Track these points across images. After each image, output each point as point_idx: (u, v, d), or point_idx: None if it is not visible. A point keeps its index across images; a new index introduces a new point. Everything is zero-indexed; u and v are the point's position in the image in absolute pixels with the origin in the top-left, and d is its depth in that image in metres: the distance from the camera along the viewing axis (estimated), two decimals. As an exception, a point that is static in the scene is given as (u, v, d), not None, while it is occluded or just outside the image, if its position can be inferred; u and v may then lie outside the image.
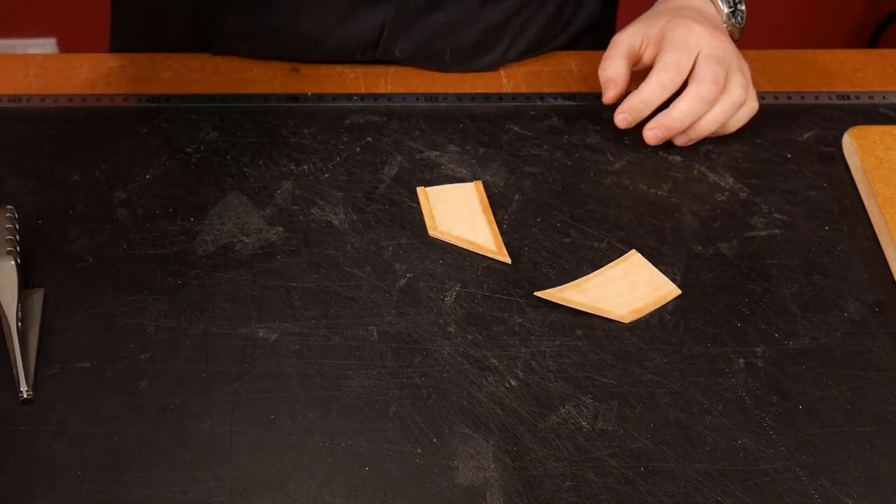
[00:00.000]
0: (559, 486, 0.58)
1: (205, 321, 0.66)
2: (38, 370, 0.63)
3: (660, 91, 0.75)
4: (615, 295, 0.68)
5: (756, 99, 0.78)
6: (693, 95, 0.75)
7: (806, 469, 0.59)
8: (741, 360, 0.65)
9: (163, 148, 0.78)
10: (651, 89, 0.75)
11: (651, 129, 0.77)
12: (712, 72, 0.75)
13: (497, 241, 0.72)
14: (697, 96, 0.75)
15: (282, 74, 0.85)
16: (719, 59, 0.75)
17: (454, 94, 0.84)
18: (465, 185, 0.76)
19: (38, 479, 0.58)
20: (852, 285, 0.69)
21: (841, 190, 0.76)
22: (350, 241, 0.71)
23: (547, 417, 0.61)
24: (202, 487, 0.58)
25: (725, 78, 0.75)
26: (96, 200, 0.74)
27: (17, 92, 0.83)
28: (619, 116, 0.77)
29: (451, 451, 0.60)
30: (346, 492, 0.58)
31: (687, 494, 0.58)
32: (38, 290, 0.67)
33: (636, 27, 0.80)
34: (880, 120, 0.82)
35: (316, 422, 0.61)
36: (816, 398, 0.63)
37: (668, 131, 0.77)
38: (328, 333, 0.66)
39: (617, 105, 0.78)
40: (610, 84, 0.78)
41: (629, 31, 0.80)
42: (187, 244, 0.71)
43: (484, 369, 0.64)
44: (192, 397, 0.62)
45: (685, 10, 0.80)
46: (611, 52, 0.79)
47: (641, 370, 0.64)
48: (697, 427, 0.61)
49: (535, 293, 0.68)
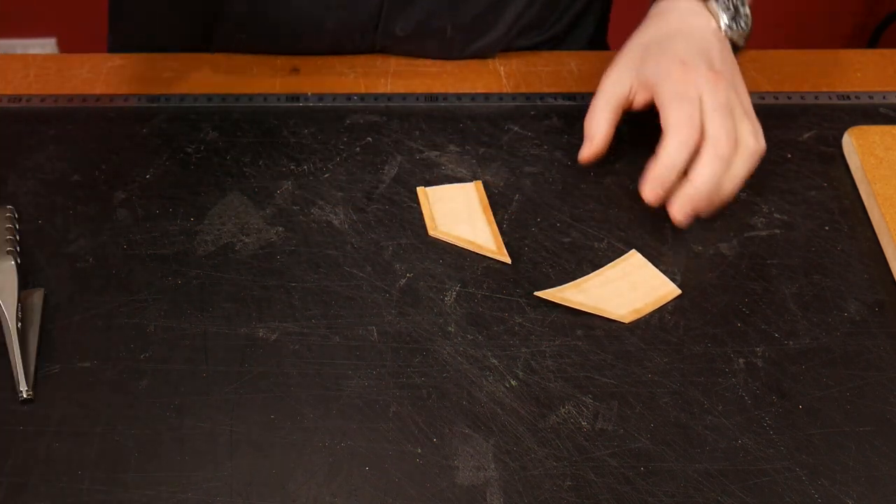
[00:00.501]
0: (559, 486, 0.58)
1: (205, 321, 0.66)
2: (38, 370, 0.63)
3: (682, 150, 0.68)
4: (615, 295, 0.68)
5: (763, 137, 0.72)
6: (711, 157, 0.68)
7: (806, 469, 0.59)
8: (741, 360, 0.65)
9: (163, 148, 0.78)
10: (673, 150, 0.69)
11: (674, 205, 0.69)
12: (723, 127, 0.69)
13: (497, 241, 0.72)
14: (716, 157, 0.68)
15: (282, 74, 0.85)
16: (724, 108, 0.70)
17: (454, 94, 0.84)
18: (465, 185, 0.76)
19: (38, 479, 0.58)
20: (852, 285, 0.69)
21: (841, 190, 0.76)
22: (350, 241, 0.71)
23: (547, 417, 0.61)
24: (202, 487, 0.58)
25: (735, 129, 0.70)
26: (96, 200, 0.74)
27: (17, 92, 0.83)
28: (647, 191, 0.69)
29: (451, 451, 0.60)
30: (346, 492, 0.58)
31: (687, 494, 0.58)
32: (38, 290, 0.67)
33: (623, 69, 0.74)
34: (880, 120, 0.82)
35: (316, 422, 0.61)
36: (816, 398, 0.63)
37: (695, 203, 0.69)
38: (328, 333, 0.66)
39: None
40: (587, 141, 0.74)
41: (615, 76, 0.75)
42: (187, 244, 0.71)
43: (484, 369, 0.64)
44: (192, 397, 0.62)
45: (674, 39, 0.74)
46: (598, 104, 0.75)
47: (641, 370, 0.64)
48: (697, 427, 0.61)
49: (535, 293, 0.68)
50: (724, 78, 0.72)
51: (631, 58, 0.75)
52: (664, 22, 0.76)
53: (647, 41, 0.75)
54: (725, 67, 0.73)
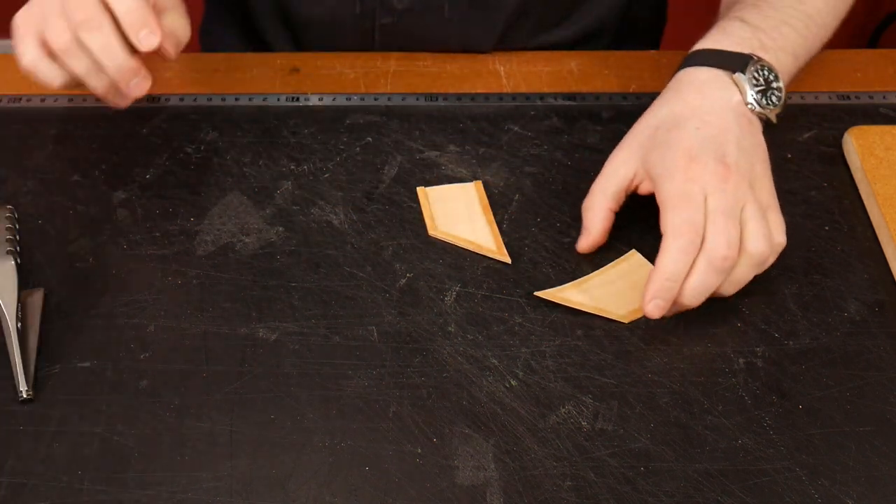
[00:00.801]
0: (559, 486, 0.58)
1: (205, 321, 0.66)
2: (38, 370, 0.63)
3: (683, 259, 0.63)
4: (615, 295, 0.68)
5: (783, 231, 0.67)
6: (704, 269, 0.63)
7: (806, 469, 0.59)
8: (741, 360, 0.65)
9: (163, 148, 0.78)
10: (671, 261, 0.63)
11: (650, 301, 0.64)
12: (724, 235, 0.63)
13: (497, 241, 0.72)
14: (709, 268, 0.63)
15: (282, 74, 0.85)
16: (729, 210, 0.64)
17: (454, 94, 0.84)
18: (465, 185, 0.76)
19: (38, 479, 0.58)
20: (852, 285, 0.69)
21: (841, 190, 0.76)
22: (350, 241, 0.71)
23: (547, 417, 0.61)
24: (202, 487, 0.58)
25: (740, 233, 0.64)
26: (96, 200, 0.74)
27: (17, 92, 0.83)
28: (649, 306, 0.64)
29: (451, 451, 0.60)
30: (346, 492, 0.58)
31: (687, 494, 0.58)
32: (38, 290, 0.67)
33: (628, 154, 0.70)
34: (880, 120, 0.82)
35: (316, 422, 0.61)
36: (816, 398, 0.63)
37: (677, 308, 0.66)
38: (328, 333, 0.66)
39: None
40: (584, 232, 0.70)
41: (620, 159, 0.70)
42: (187, 244, 0.71)
43: (484, 369, 0.64)
44: (192, 397, 0.62)
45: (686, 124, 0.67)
46: (597, 189, 0.70)
47: (641, 370, 0.64)
48: (697, 427, 0.61)
49: (535, 293, 0.68)
50: (736, 173, 0.65)
51: (639, 142, 0.69)
52: (680, 99, 0.70)
53: (658, 122, 0.69)
54: (741, 158, 0.66)
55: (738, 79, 0.69)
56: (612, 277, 0.69)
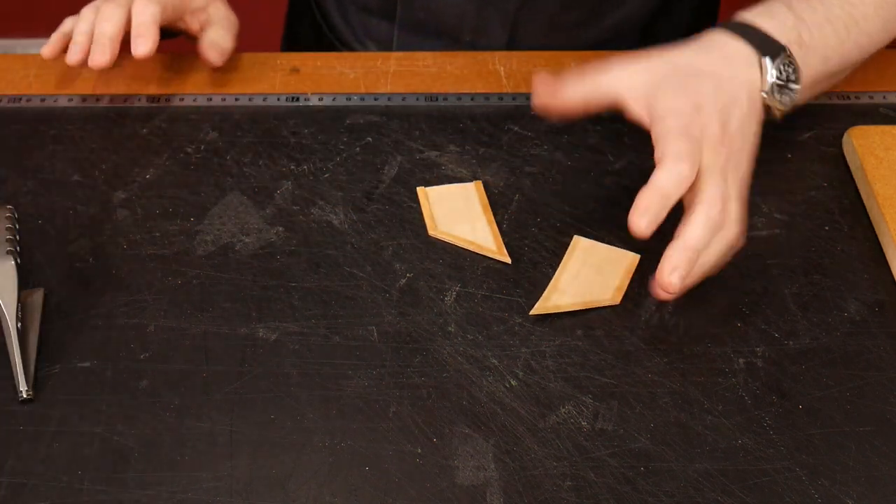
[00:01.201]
0: (559, 486, 0.58)
1: (205, 321, 0.66)
2: (38, 370, 0.63)
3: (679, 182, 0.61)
4: (588, 285, 0.68)
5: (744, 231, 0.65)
6: (704, 220, 0.61)
7: (806, 469, 0.59)
8: (741, 360, 0.65)
9: (163, 148, 0.78)
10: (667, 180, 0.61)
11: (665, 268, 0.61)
12: (719, 192, 0.61)
13: (497, 241, 0.72)
14: (708, 220, 0.61)
15: (282, 74, 0.85)
16: (720, 174, 0.62)
17: (454, 94, 0.84)
18: (465, 185, 0.76)
19: (38, 479, 0.58)
20: (852, 285, 0.69)
21: (841, 190, 0.76)
22: (350, 241, 0.71)
23: (547, 417, 0.61)
24: (202, 487, 0.58)
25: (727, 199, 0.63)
26: (96, 200, 0.74)
27: (18, 92, 0.83)
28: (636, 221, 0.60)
29: (451, 451, 0.60)
30: (346, 492, 0.58)
31: (687, 494, 0.58)
32: (38, 290, 0.67)
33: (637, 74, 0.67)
34: (880, 120, 0.82)
35: (316, 422, 0.61)
36: (816, 398, 0.63)
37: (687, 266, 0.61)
38: (328, 333, 0.66)
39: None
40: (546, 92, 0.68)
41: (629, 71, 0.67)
42: (187, 244, 0.71)
43: (484, 369, 0.64)
44: (192, 397, 0.62)
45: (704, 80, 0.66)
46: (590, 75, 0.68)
47: (641, 370, 0.64)
48: (697, 427, 0.61)
49: (530, 313, 0.67)
50: (729, 146, 0.64)
51: (654, 70, 0.67)
52: (705, 55, 0.68)
53: (680, 63, 0.67)
54: (737, 136, 0.65)
55: (765, 63, 0.67)
56: (574, 270, 0.69)
